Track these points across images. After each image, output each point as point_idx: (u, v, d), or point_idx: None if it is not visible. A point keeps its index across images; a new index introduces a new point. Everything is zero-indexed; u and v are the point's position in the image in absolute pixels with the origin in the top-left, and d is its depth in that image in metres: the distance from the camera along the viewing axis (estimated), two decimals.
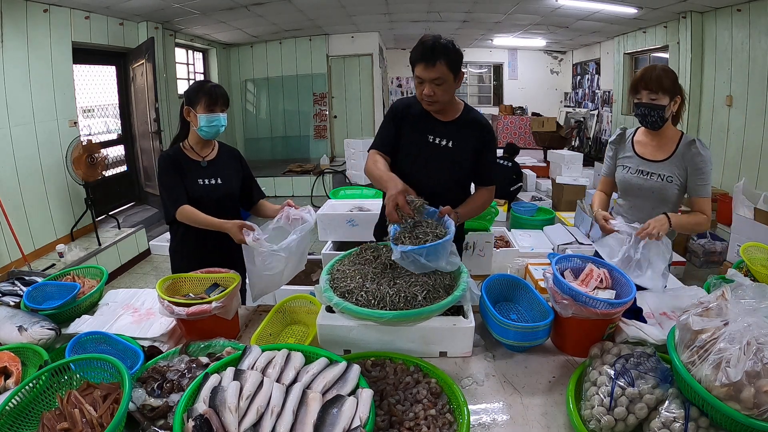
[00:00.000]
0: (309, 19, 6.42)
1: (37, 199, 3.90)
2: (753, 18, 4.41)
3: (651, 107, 1.58)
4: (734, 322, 0.89)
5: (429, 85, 1.53)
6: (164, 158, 1.78)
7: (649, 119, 1.61)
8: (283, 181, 7.22)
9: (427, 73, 1.51)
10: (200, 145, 1.83)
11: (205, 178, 1.80)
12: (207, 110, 1.72)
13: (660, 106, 1.58)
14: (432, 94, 1.54)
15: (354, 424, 0.87)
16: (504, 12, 6.34)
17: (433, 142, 1.66)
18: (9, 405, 0.94)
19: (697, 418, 0.91)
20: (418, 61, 1.51)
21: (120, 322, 1.48)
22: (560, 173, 6.12)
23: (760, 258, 1.69)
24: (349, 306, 1.19)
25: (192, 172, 1.78)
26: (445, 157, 1.67)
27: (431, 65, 1.49)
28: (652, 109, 1.58)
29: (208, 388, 0.93)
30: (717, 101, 5.03)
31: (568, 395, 1.06)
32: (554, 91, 10.43)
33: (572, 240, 3.67)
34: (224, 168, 1.86)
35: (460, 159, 1.68)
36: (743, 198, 3.76)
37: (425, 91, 1.54)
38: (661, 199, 1.68)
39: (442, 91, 1.54)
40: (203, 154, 1.83)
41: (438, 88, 1.54)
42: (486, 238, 2.58)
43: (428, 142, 1.66)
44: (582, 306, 1.20)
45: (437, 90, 1.54)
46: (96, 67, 5.00)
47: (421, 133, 1.67)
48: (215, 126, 1.75)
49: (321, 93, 7.98)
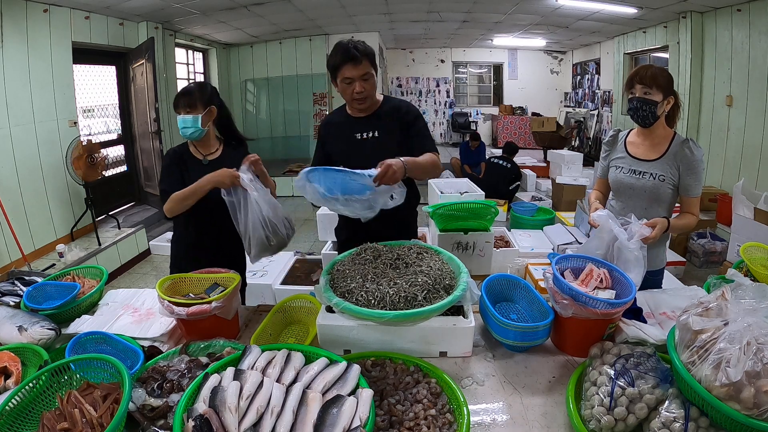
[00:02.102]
0: (309, 19, 6.42)
1: (37, 199, 3.90)
2: (753, 18, 4.41)
3: (643, 101, 1.59)
4: (734, 322, 0.89)
5: (359, 83, 1.63)
6: (168, 153, 1.84)
7: (641, 113, 1.61)
8: (283, 181, 7.20)
9: (355, 71, 1.61)
10: (200, 144, 1.83)
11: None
12: (177, 112, 1.75)
13: (652, 102, 1.58)
14: (362, 90, 1.64)
15: (354, 424, 0.87)
16: (504, 12, 6.34)
17: (360, 138, 1.76)
18: (9, 405, 0.94)
19: (697, 418, 0.91)
20: (344, 62, 1.61)
21: (120, 322, 1.48)
22: (560, 173, 6.12)
23: (760, 258, 1.69)
24: (349, 306, 1.19)
25: (193, 170, 1.77)
26: (373, 147, 1.74)
27: (358, 63, 1.60)
28: (644, 103, 1.59)
29: (208, 388, 0.93)
30: (717, 101, 5.03)
31: (568, 395, 1.06)
32: (554, 91, 10.43)
33: (572, 240, 3.67)
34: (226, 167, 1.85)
35: (388, 143, 1.73)
36: (743, 198, 3.76)
37: (356, 89, 1.64)
38: (654, 198, 1.68)
39: (370, 86, 1.66)
40: (205, 152, 1.83)
41: (366, 84, 1.64)
42: (486, 238, 2.57)
43: (356, 140, 1.76)
44: (582, 306, 1.20)
45: (366, 86, 1.64)
46: (96, 67, 5.00)
47: (347, 136, 1.77)
48: (181, 127, 1.74)
49: (321, 93, 7.97)
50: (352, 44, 1.61)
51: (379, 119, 1.76)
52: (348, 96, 1.68)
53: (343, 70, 1.62)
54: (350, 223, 1.78)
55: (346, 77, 1.63)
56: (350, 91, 1.66)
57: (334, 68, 1.64)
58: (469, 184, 3.66)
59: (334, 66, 1.64)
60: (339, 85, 1.68)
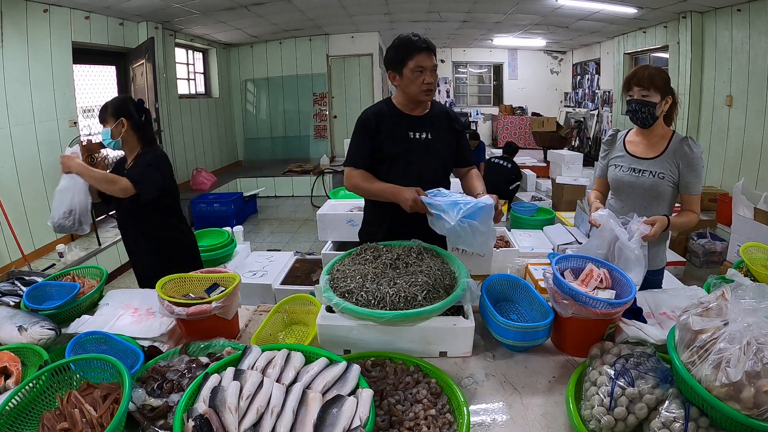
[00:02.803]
0: (309, 19, 6.42)
1: (37, 199, 3.90)
2: (753, 18, 4.41)
3: (642, 103, 1.60)
4: (734, 322, 0.89)
5: (430, 73, 1.62)
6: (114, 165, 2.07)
7: (640, 115, 1.62)
8: (283, 181, 7.22)
9: (429, 60, 1.60)
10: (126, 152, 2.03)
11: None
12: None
13: (651, 103, 1.59)
14: (432, 80, 1.63)
15: (354, 424, 0.87)
16: (504, 12, 6.34)
17: (414, 138, 1.72)
18: (9, 405, 0.94)
19: (697, 418, 0.91)
20: (418, 51, 1.59)
21: (120, 322, 1.48)
22: (560, 173, 6.11)
23: (760, 258, 1.69)
24: (349, 306, 1.19)
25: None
26: (426, 149, 1.73)
27: (431, 53, 1.61)
28: (643, 105, 1.60)
29: (208, 388, 0.93)
30: (717, 101, 5.03)
31: (568, 395, 1.06)
32: (554, 91, 10.42)
33: (572, 240, 3.66)
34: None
35: (440, 146, 1.76)
36: (743, 198, 3.76)
37: (427, 79, 1.61)
38: (654, 196, 1.68)
39: (437, 78, 1.65)
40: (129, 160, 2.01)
41: (434, 75, 1.64)
42: None
43: (410, 138, 1.72)
44: (582, 306, 1.20)
45: (435, 77, 1.64)
46: (96, 67, 5.00)
47: (400, 133, 1.72)
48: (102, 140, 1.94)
49: (321, 93, 7.98)
50: (420, 35, 1.61)
51: (432, 121, 1.75)
52: (417, 86, 1.63)
53: (417, 58, 1.59)
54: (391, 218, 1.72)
55: (420, 66, 1.59)
56: (420, 81, 1.61)
57: (404, 57, 1.60)
58: None
59: (405, 54, 1.60)
60: (406, 76, 1.62)
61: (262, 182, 7.13)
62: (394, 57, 1.64)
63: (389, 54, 1.66)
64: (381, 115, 1.73)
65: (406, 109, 1.73)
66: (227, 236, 3.09)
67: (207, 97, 7.53)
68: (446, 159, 1.81)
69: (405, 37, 1.62)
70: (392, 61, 1.65)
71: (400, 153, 1.71)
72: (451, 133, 1.80)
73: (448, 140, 1.79)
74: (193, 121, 6.83)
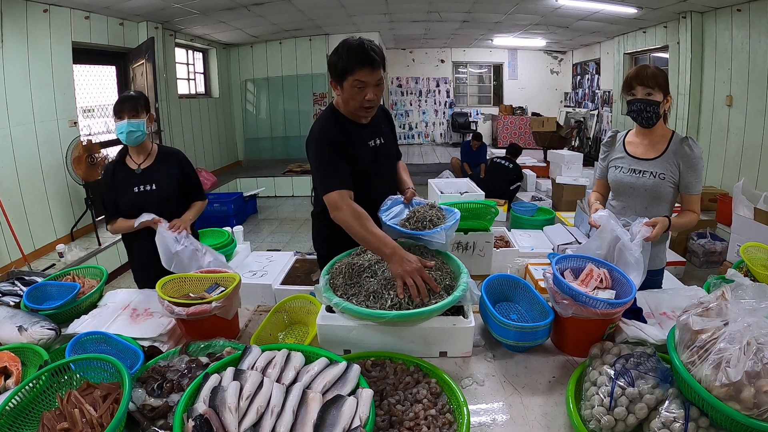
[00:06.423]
0: (309, 19, 6.42)
1: (37, 199, 3.90)
2: (753, 18, 4.41)
3: (647, 102, 1.59)
4: (734, 322, 0.89)
5: (373, 89, 1.45)
6: (104, 172, 1.94)
7: (645, 115, 1.61)
8: (283, 181, 7.22)
9: (371, 76, 1.43)
10: (135, 153, 1.89)
11: (140, 185, 1.85)
12: (117, 119, 1.80)
13: (655, 102, 1.59)
14: (374, 98, 1.47)
15: (354, 424, 0.87)
16: (504, 12, 6.34)
17: (373, 145, 1.64)
18: (9, 405, 0.94)
19: (697, 418, 0.91)
20: (360, 65, 1.40)
21: (120, 322, 1.48)
22: (560, 173, 6.11)
23: (760, 258, 1.69)
24: (349, 306, 1.19)
25: (128, 180, 1.86)
26: (386, 155, 1.70)
27: (376, 67, 1.43)
28: (648, 104, 1.59)
29: (208, 388, 0.93)
30: (717, 101, 5.03)
31: (568, 395, 1.06)
32: (554, 91, 10.43)
33: (572, 240, 3.66)
34: (159, 173, 1.90)
35: (391, 149, 1.74)
36: (743, 198, 3.76)
37: (368, 96, 1.45)
38: (655, 197, 1.68)
39: (380, 93, 1.49)
40: (138, 161, 1.89)
41: (378, 91, 1.47)
42: (486, 238, 2.57)
43: (369, 147, 1.63)
44: (582, 306, 1.20)
45: (378, 93, 1.47)
46: (96, 67, 5.00)
47: (361, 144, 1.61)
48: (122, 133, 1.80)
49: (321, 93, 7.97)
50: (368, 46, 1.42)
51: (378, 125, 1.68)
52: (356, 103, 1.48)
53: (358, 73, 1.41)
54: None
55: (360, 81, 1.42)
56: (360, 98, 1.46)
57: (345, 70, 1.42)
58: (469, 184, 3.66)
59: (346, 68, 1.42)
60: (346, 89, 1.46)
61: (262, 182, 7.13)
62: (334, 66, 1.45)
63: (332, 59, 1.46)
64: (335, 128, 1.57)
65: (354, 117, 1.58)
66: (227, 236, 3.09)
67: (207, 97, 7.54)
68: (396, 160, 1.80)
69: (349, 46, 1.42)
70: (333, 69, 1.47)
71: (369, 166, 1.59)
72: (392, 131, 1.78)
73: (392, 140, 1.75)
74: (193, 121, 6.83)
